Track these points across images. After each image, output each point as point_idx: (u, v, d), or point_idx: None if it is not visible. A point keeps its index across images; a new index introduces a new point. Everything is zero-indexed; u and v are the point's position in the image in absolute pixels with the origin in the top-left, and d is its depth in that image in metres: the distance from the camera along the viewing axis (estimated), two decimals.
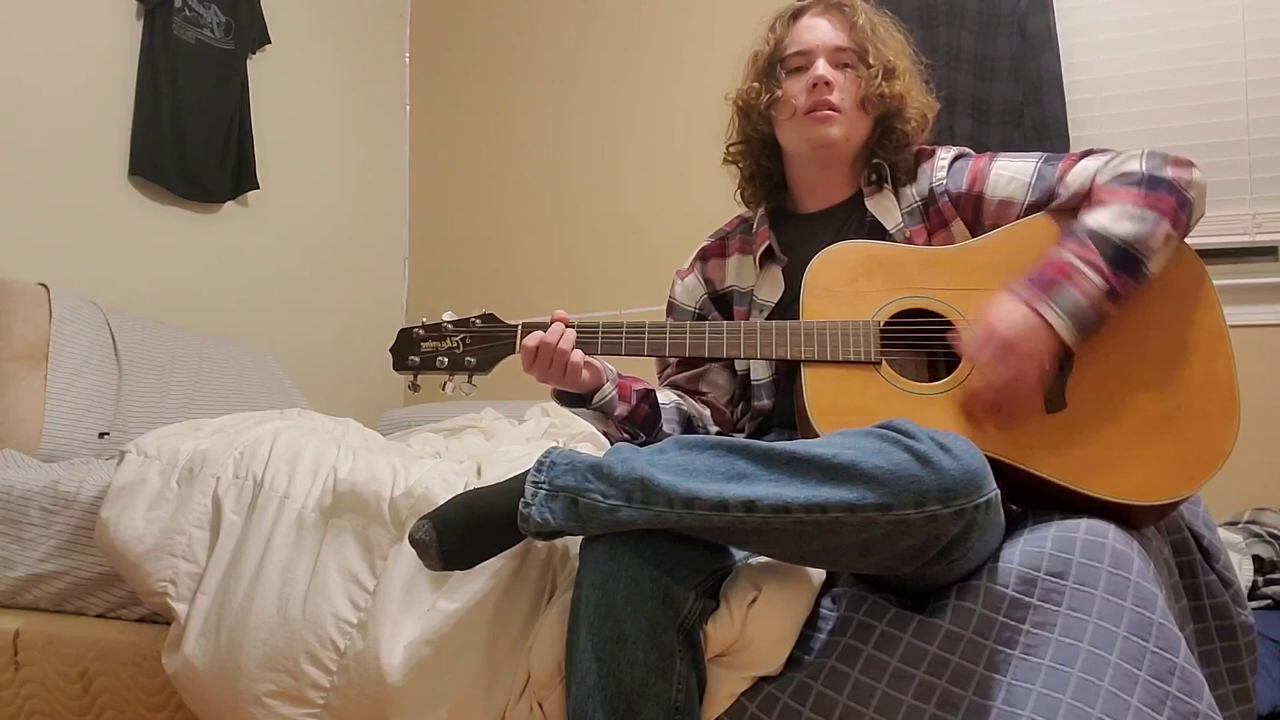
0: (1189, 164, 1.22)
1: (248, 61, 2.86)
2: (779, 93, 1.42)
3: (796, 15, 1.46)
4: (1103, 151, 1.29)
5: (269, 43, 2.94)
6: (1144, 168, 1.22)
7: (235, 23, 2.80)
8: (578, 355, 1.29)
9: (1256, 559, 1.94)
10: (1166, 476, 1.14)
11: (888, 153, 1.42)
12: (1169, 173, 1.21)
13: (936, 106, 1.46)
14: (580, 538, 1.11)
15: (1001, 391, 1.16)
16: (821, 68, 1.39)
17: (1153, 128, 2.68)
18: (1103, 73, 2.75)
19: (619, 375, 1.40)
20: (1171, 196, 1.18)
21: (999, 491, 1.02)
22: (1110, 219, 1.18)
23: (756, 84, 1.45)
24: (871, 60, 1.40)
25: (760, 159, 1.50)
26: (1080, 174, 1.28)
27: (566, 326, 1.30)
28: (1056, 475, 1.15)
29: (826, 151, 1.41)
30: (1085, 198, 1.25)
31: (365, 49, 3.45)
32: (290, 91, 3.07)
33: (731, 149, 1.53)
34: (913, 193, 1.40)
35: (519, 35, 3.47)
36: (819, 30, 1.43)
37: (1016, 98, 2.72)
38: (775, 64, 1.44)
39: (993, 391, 1.16)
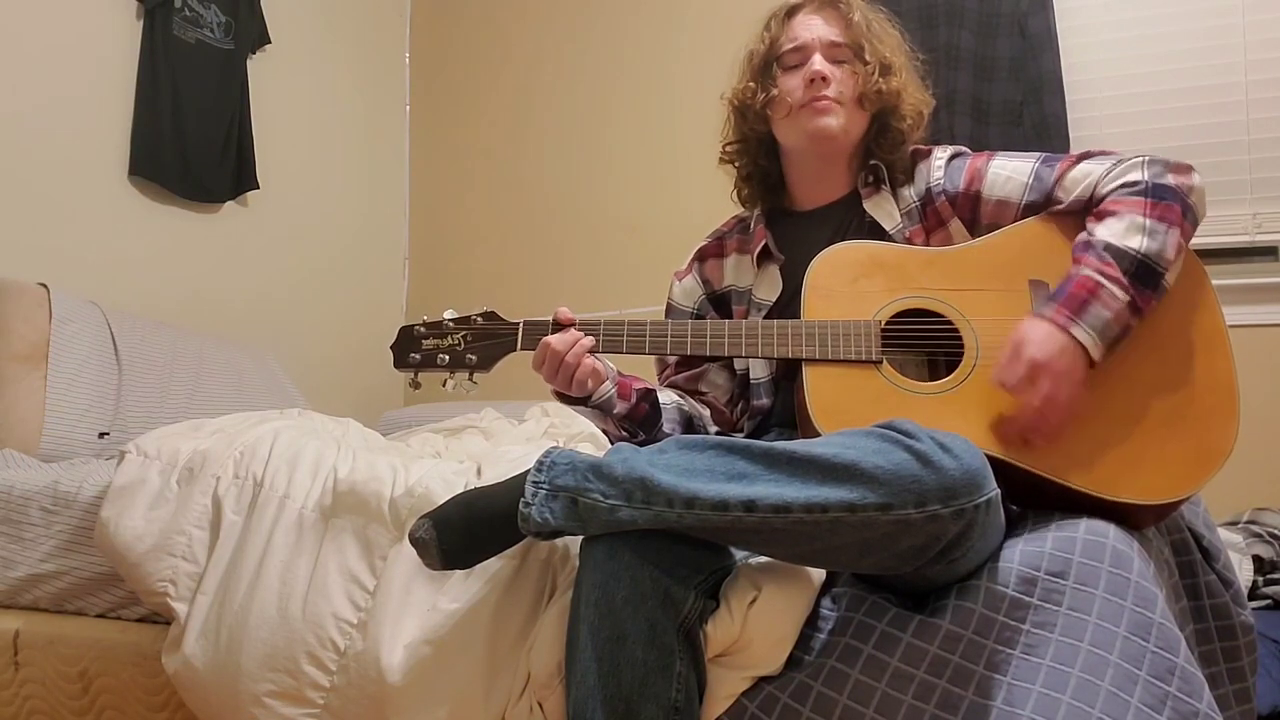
0: (1189, 169, 1.23)
1: (248, 61, 2.86)
2: (775, 91, 1.41)
3: (791, 13, 1.46)
4: (1101, 154, 1.30)
5: (269, 43, 2.94)
6: (1147, 176, 1.22)
7: (235, 23, 2.80)
8: (587, 367, 1.29)
9: (1256, 559, 1.94)
10: (1167, 476, 1.14)
11: (884, 151, 1.42)
12: (1171, 180, 1.21)
13: (932, 103, 1.46)
14: (580, 537, 1.11)
15: (1037, 413, 1.14)
16: (818, 62, 1.39)
17: (1153, 128, 2.68)
18: (1103, 73, 2.75)
19: (619, 374, 1.40)
20: (1177, 205, 1.19)
21: (999, 491, 1.02)
22: (1124, 231, 1.18)
23: (752, 83, 1.45)
24: (868, 56, 1.40)
25: (757, 158, 1.50)
26: (1079, 178, 1.27)
27: (570, 327, 1.30)
28: (1056, 475, 1.15)
29: (825, 144, 1.41)
30: (1088, 205, 1.25)
31: (365, 49, 3.45)
32: (290, 91, 3.07)
33: (728, 149, 1.52)
34: (910, 193, 1.40)
35: (519, 35, 3.47)
36: (814, 26, 1.42)
37: (1016, 98, 2.72)
38: (771, 62, 1.44)
39: (1030, 413, 1.15)
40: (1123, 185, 1.23)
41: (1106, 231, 1.19)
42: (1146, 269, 1.16)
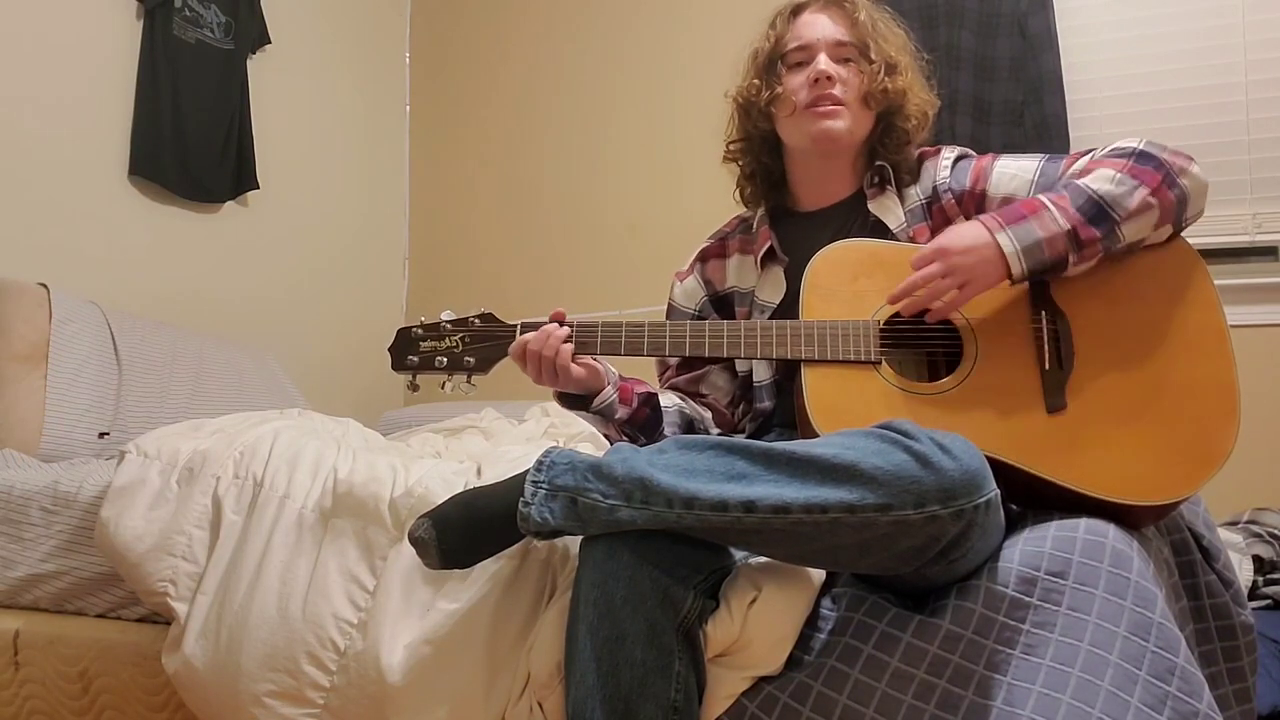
0: (1188, 157, 1.22)
1: (248, 61, 2.86)
2: (779, 89, 1.41)
3: (797, 11, 1.46)
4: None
5: (269, 43, 2.94)
6: (1139, 145, 1.23)
7: (235, 23, 2.80)
8: (565, 356, 1.29)
9: (1256, 559, 1.94)
10: (1166, 477, 1.14)
11: (888, 151, 1.42)
12: (1163, 155, 1.21)
13: (937, 103, 1.46)
14: (580, 537, 1.11)
15: (913, 283, 1.18)
16: (823, 62, 1.38)
17: (1153, 128, 2.67)
18: (1103, 73, 2.75)
19: (620, 377, 1.40)
20: (1158, 172, 1.19)
21: (999, 492, 1.02)
22: (1091, 179, 1.19)
23: (757, 81, 1.45)
24: (873, 55, 1.39)
25: (760, 156, 1.49)
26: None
27: (561, 325, 1.30)
28: (1056, 475, 1.15)
29: (830, 145, 1.40)
30: None
31: (365, 49, 3.45)
32: (290, 91, 3.07)
33: (731, 146, 1.52)
34: (916, 192, 1.40)
35: (519, 35, 3.47)
36: (820, 25, 1.42)
37: (1017, 98, 2.72)
38: (776, 60, 1.43)
39: (910, 282, 1.19)
40: (1112, 150, 1.25)
41: (1078, 180, 1.21)
42: (1099, 209, 1.16)
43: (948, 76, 2.72)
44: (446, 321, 1.33)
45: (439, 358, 1.32)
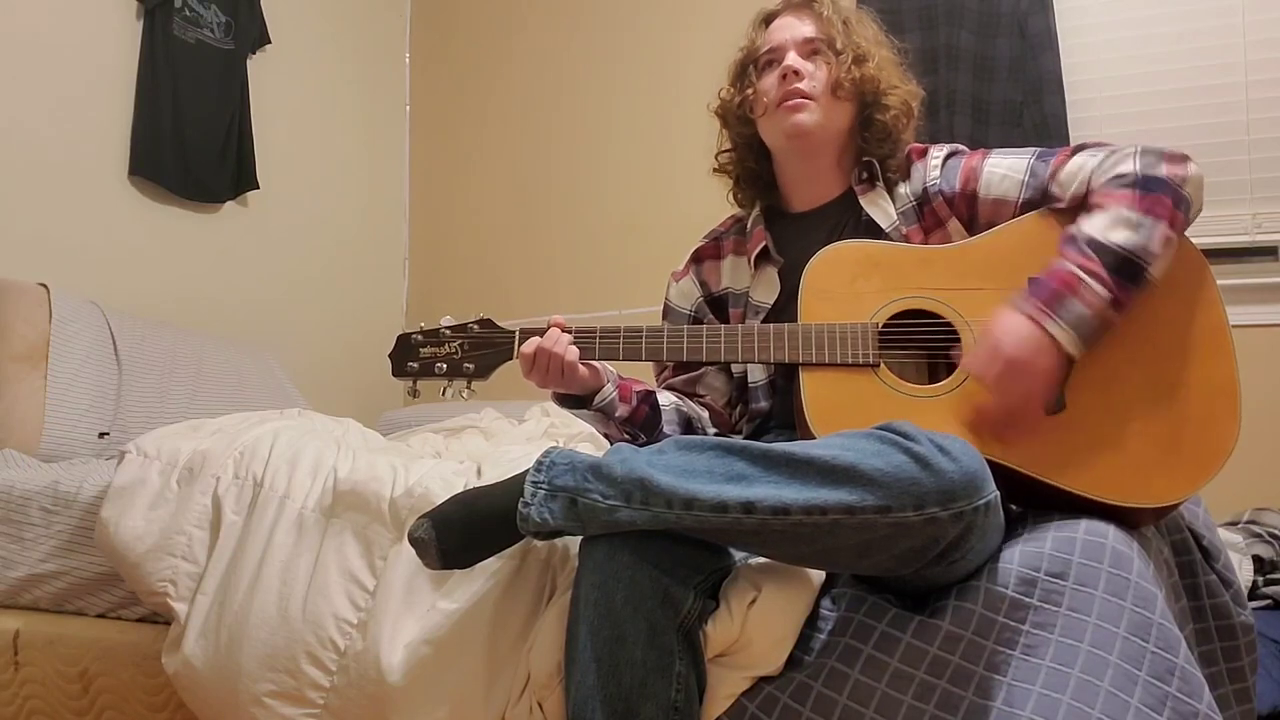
0: (1184, 159, 1.21)
1: (248, 61, 2.86)
2: (751, 92, 1.43)
3: (768, 19, 1.49)
4: (1096, 146, 1.28)
5: (269, 43, 2.94)
6: (1138, 167, 1.21)
7: (235, 23, 2.80)
8: (573, 354, 1.29)
9: (1256, 559, 1.94)
10: (1167, 478, 1.14)
11: (871, 145, 1.43)
12: (1163, 170, 1.20)
13: (920, 94, 1.46)
14: (580, 537, 1.11)
15: (1010, 409, 1.15)
16: (790, 59, 1.40)
17: (1153, 128, 2.68)
18: (1103, 73, 2.75)
19: (619, 377, 1.41)
20: (1168, 197, 1.17)
21: (998, 493, 1.02)
22: (1108, 225, 1.17)
23: (731, 88, 1.49)
24: (840, 46, 1.41)
25: (747, 162, 1.51)
26: (1074, 173, 1.27)
27: (562, 331, 1.30)
28: (1056, 477, 1.15)
29: (802, 140, 1.41)
30: (1082, 201, 1.25)
31: (365, 49, 3.45)
32: (290, 91, 3.07)
33: (720, 158, 1.54)
34: (907, 191, 1.40)
35: (519, 35, 3.47)
36: (788, 27, 1.45)
37: (1016, 98, 2.72)
38: (748, 66, 1.47)
39: (1002, 410, 1.15)
40: (1114, 178, 1.22)
41: (1091, 226, 1.18)
42: (1130, 264, 1.15)
43: (947, 76, 2.72)
44: (446, 327, 1.34)
45: (439, 364, 1.32)
